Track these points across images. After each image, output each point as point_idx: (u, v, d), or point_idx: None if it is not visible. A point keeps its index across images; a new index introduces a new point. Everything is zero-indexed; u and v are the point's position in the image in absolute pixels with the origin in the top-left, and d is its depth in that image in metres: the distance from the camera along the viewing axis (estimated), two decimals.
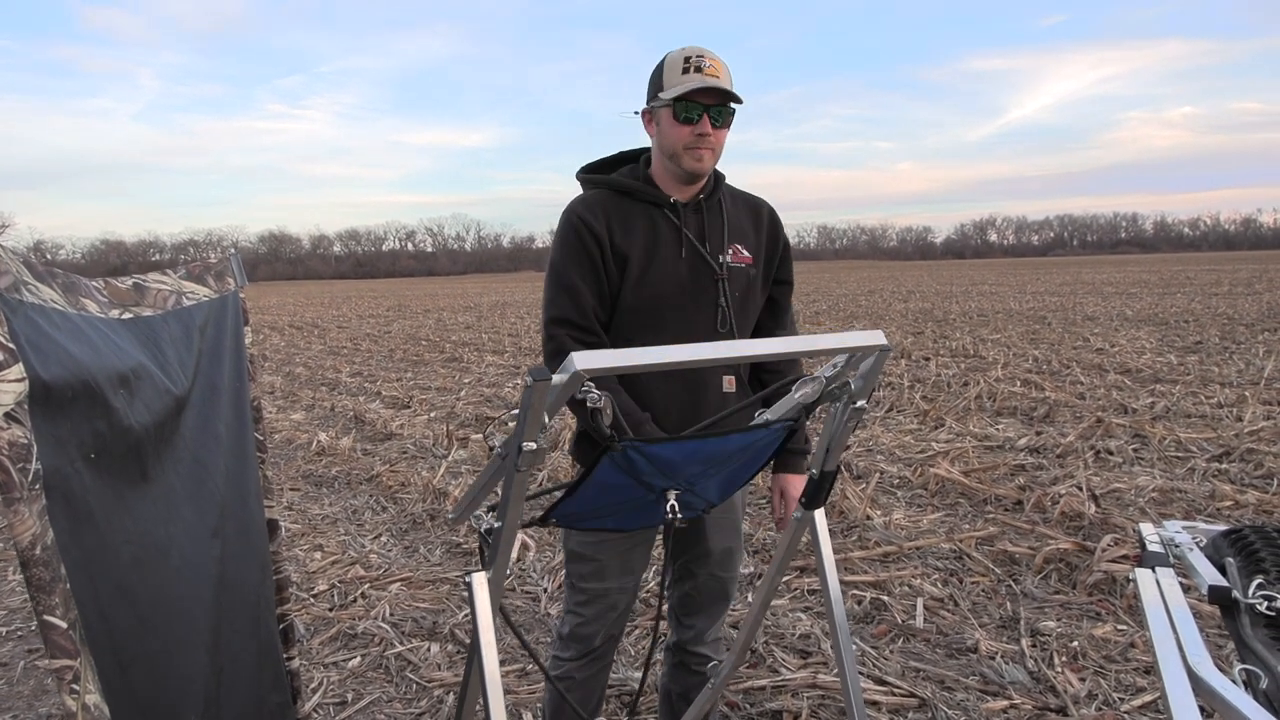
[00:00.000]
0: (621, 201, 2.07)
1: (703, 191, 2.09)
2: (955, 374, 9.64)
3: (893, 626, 3.47)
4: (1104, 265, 61.04)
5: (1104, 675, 3.02)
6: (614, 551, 2.14)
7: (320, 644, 3.58)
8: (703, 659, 2.32)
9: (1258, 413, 6.91)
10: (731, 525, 2.24)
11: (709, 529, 2.20)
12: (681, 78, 1.96)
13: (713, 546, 2.22)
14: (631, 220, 2.06)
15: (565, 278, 2.03)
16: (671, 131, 1.99)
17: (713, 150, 2.01)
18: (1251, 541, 1.43)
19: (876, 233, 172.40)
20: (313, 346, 16.79)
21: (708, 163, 2.02)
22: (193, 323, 1.80)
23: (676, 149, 2.00)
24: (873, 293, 30.36)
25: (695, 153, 1.99)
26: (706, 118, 1.96)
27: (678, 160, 2.02)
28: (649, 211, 2.07)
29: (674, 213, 2.06)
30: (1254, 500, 4.72)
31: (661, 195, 2.07)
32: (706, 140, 1.98)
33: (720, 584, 2.29)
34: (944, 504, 5.05)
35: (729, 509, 2.21)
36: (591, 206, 2.06)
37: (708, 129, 1.97)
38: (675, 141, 1.99)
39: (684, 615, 2.34)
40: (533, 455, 1.36)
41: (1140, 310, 18.03)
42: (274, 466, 6.89)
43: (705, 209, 2.09)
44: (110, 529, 1.23)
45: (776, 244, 2.19)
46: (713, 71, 1.96)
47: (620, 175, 2.12)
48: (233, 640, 1.69)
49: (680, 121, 1.97)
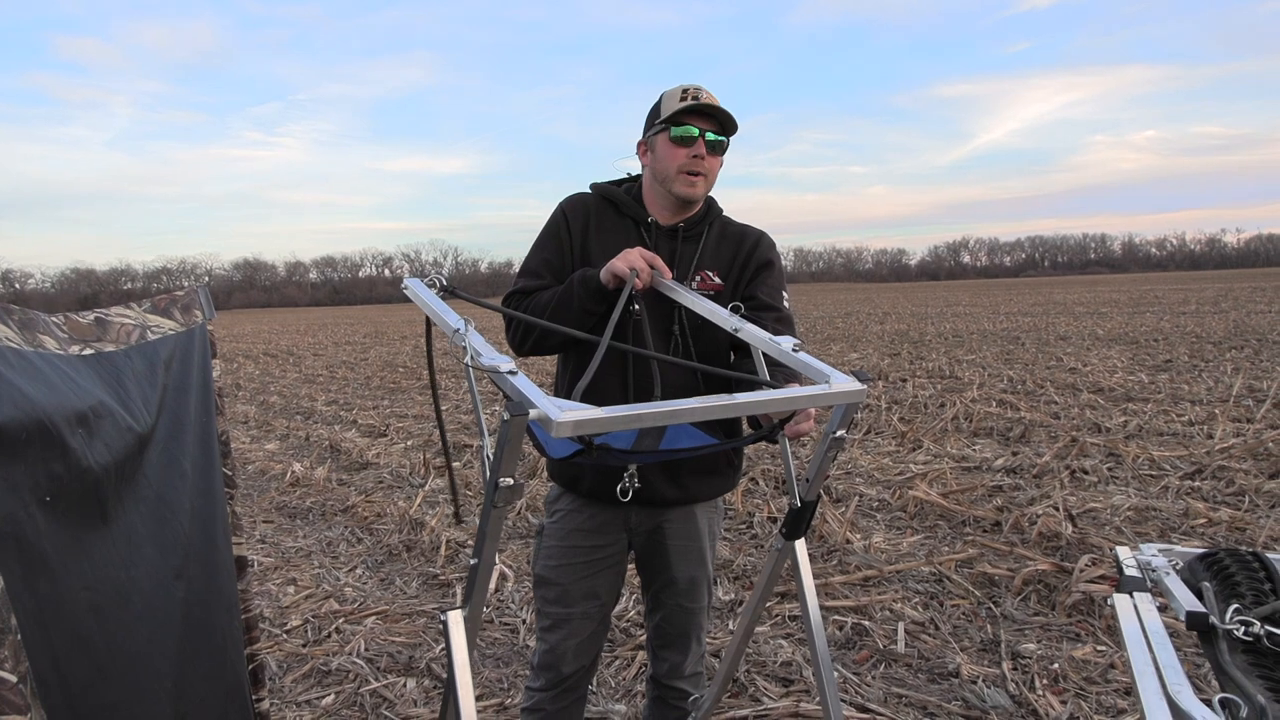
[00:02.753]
0: (607, 209, 2.14)
1: (685, 220, 2.11)
2: (932, 395, 9.70)
3: (874, 652, 3.45)
4: (1074, 285, 61.96)
5: (1085, 697, 3.01)
6: (577, 575, 2.14)
7: (293, 681, 3.49)
8: (681, 693, 2.29)
9: (1228, 430, 7.00)
10: (696, 553, 2.20)
11: (673, 557, 2.18)
12: (680, 104, 1.99)
13: (678, 575, 2.19)
14: (608, 228, 2.11)
15: (533, 259, 2.13)
16: (667, 155, 2.02)
17: (706, 177, 2.03)
18: (1227, 565, 1.43)
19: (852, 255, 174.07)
20: (287, 375, 16.61)
21: (700, 189, 2.04)
22: (157, 357, 1.76)
23: (670, 173, 2.02)
24: (849, 314, 30.59)
25: (689, 177, 2.01)
26: (703, 141, 1.99)
27: (669, 184, 2.04)
28: (626, 225, 2.11)
29: (648, 232, 2.09)
30: (1227, 518, 4.76)
31: (642, 212, 2.10)
32: (701, 164, 2.00)
33: (688, 615, 2.24)
34: (923, 526, 5.05)
35: (693, 537, 2.18)
36: (576, 204, 2.14)
37: (703, 151, 1.99)
38: (670, 165, 2.01)
39: (659, 648, 2.31)
40: (510, 491, 1.35)
41: (1111, 330, 18.29)
42: (246, 499, 6.77)
43: (682, 236, 2.10)
44: (66, 575, 1.19)
45: (749, 265, 2.14)
46: (710, 99, 2.00)
47: (616, 186, 2.18)
48: (197, 685, 1.64)
49: (676, 144, 2.00)
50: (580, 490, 2.12)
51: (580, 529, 2.13)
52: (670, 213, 2.10)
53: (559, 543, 2.15)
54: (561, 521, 2.16)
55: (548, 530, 2.19)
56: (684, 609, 2.23)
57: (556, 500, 2.19)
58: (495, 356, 1.42)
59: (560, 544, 2.15)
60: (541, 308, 2.02)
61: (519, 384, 1.35)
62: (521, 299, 2.09)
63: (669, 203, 2.08)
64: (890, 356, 14.62)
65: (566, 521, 2.15)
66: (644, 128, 2.11)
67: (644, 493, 2.03)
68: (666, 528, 2.16)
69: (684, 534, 2.17)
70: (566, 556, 2.14)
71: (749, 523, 5.21)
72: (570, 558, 2.14)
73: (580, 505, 2.13)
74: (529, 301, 2.06)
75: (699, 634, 2.28)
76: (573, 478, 2.13)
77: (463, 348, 1.49)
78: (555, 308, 1.99)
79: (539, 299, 2.05)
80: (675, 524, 2.16)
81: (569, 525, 2.14)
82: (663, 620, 2.25)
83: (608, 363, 1.97)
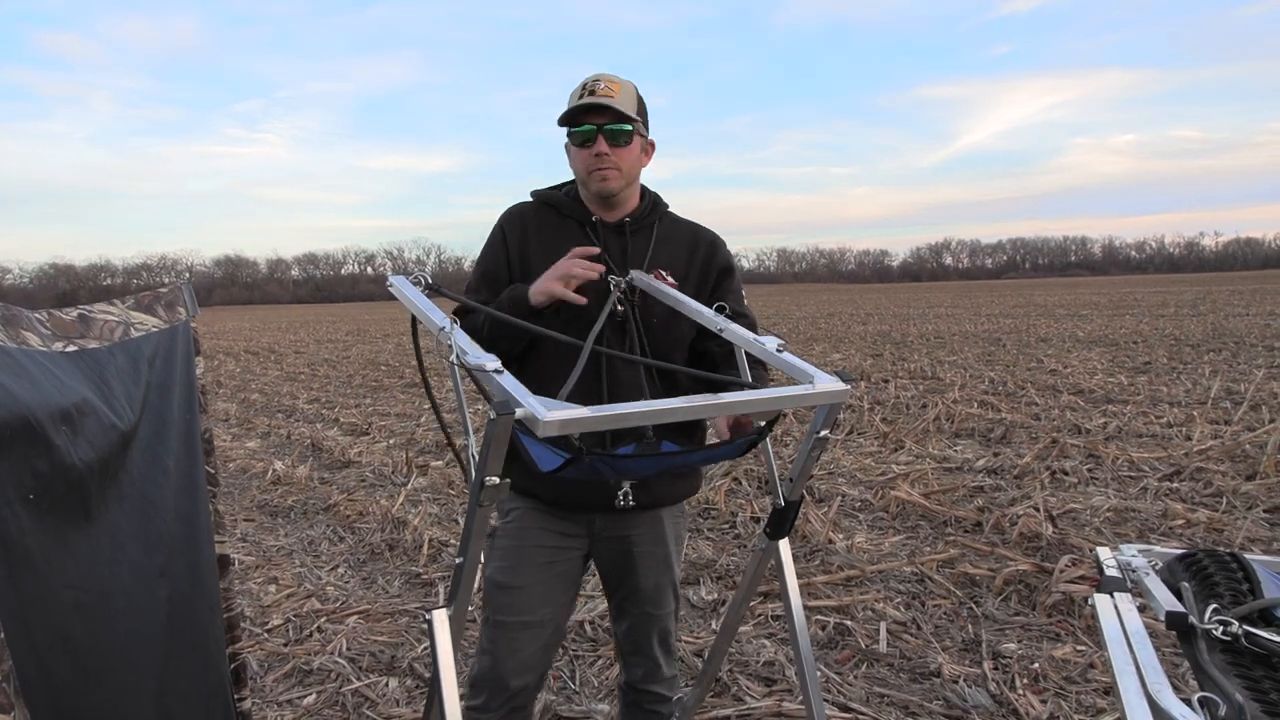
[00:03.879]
0: (548, 215, 2.08)
1: (630, 215, 2.07)
2: (914, 396, 9.76)
3: (856, 652, 3.47)
4: (1055, 287, 62.53)
5: (1065, 697, 3.04)
6: (534, 579, 2.02)
7: (274, 681, 3.47)
8: (657, 697, 2.24)
9: (1205, 432, 7.09)
10: (662, 560, 2.13)
11: (640, 565, 2.11)
12: (576, 102, 1.95)
13: (644, 583, 2.12)
14: (549, 233, 2.05)
15: (473, 275, 2.10)
16: (574, 157, 2.00)
17: (618, 169, 1.97)
18: (1205, 566, 1.45)
19: (835, 256, 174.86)
20: (269, 372, 16.48)
21: (614, 183, 1.98)
22: (140, 355, 1.75)
23: (582, 173, 2.00)
24: (832, 315, 30.72)
25: (598, 174, 1.97)
26: (602, 138, 1.94)
27: (587, 185, 2.01)
28: (570, 227, 2.05)
29: (594, 231, 2.04)
30: (1205, 519, 4.82)
31: (584, 212, 2.05)
32: (606, 160, 1.95)
33: (655, 621, 2.18)
34: (905, 526, 5.08)
35: (660, 543, 2.12)
36: (514, 216, 2.09)
37: (604, 148, 1.94)
38: (579, 166, 2.00)
39: (629, 654, 2.24)
40: (495, 490, 1.35)
41: (1091, 332, 18.47)
42: (227, 498, 6.72)
43: (630, 231, 2.05)
44: (50, 573, 1.18)
45: (710, 270, 2.10)
46: (606, 92, 1.93)
47: (555, 191, 2.12)
48: (180, 684, 1.63)
49: (579, 145, 1.97)
50: (543, 497, 2.02)
51: (537, 529, 2.03)
52: (609, 210, 2.05)
53: (514, 543, 2.03)
54: (517, 521, 2.05)
55: (501, 531, 2.07)
56: (651, 616, 2.17)
57: (511, 500, 2.08)
58: (481, 355, 1.42)
59: (515, 545, 2.03)
60: (479, 327, 1.95)
61: (504, 383, 1.35)
62: (461, 318, 2.00)
63: (596, 200, 2.04)
64: (873, 357, 14.70)
65: (523, 521, 2.04)
66: None
67: (609, 498, 1.98)
68: (633, 535, 2.08)
69: (650, 540, 2.10)
70: (522, 558, 2.02)
71: (732, 522, 5.23)
72: (526, 559, 2.02)
73: (538, 506, 2.04)
74: (465, 321, 1.98)
75: (669, 639, 2.23)
76: (530, 486, 2.01)
77: (448, 346, 1.48)
78: (491, 326, 1.92)
79: (475, 317, 1.98)
80: (641, 530, 2.09)
81: (525, 525, 2.04)
82: (631, 628, 2.19)
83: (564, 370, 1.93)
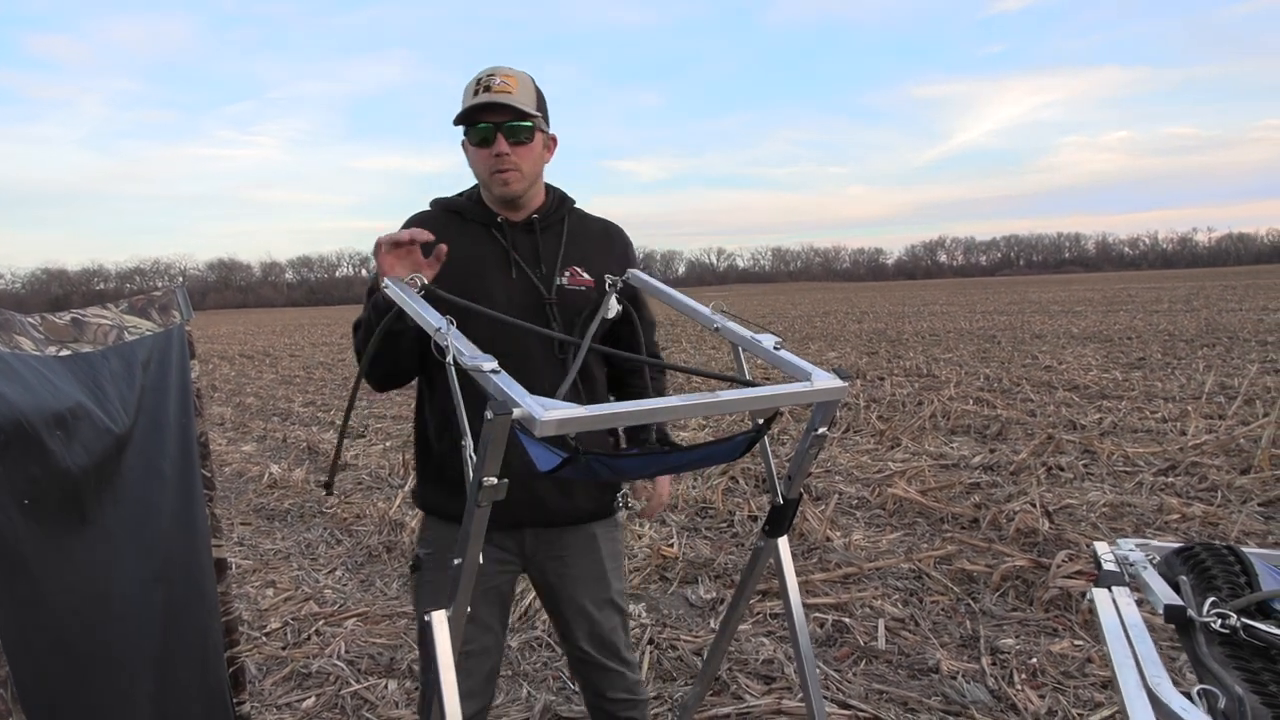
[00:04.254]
0: (451, 221, 1.98)
1: (537, 213, 1.99)
2: (910, 393, 9.77)
3: (855, 649, 3.48)
4: (1049, 284, 62.69)
5: (1063, 691, 3.05)
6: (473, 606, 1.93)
7: (273, 684, 3.46)
8: (625, 703, 2.15)
9: (1200, 427, 7.11)
10: (599, 577, 2.06)
11: (579, 585, 2.03)
12: (471, 100, 1.86)
13: (586, 603, 2.05)
14: (455, 239, 1.94)
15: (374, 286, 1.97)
16: (473, 158, 1.93)
17: (519, 170, 1.89)
18: (1203, 560, 1.45)
19: (830, 255, 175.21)
20: (264, 376, 16.44)
21: (515, 184, 1.90)
22: (135, 358, 1.74)
23: (483, 175, 1.92)
24: (827, 314, 30.75)
25: (499, 176, 1.88)
26: (501, 137, 1.85)
27: (488, 186, 1.93)
28: (476, 231, 1.97)
29: (501, 233, 1.95)
30: (1200, 513, 4.84)
31: (488, 214, 1.97)
32: (507, 160, 1.87)
33: (601, 639, 2.09)
34: (902, 524, 5.09)
35: (596, 560, 2.04)
36: (415, 225, 1.94)
37: (504, 148, 1.86)
38: (479, 168, 1.92)
39: (585, 675, 2.15)
40: (493, 490, 1.34)
41: (1085, 328, 18.51)
42: (224, 502, 6.70)
43: (539, 229, 1.98)
44: (46, 579, 1.17)
45: (625, 268, 2.04)
46: (503, 88, 1.84)
47: (457, 197, 2.04)
48: (178, 689, 1.62)
49: (477, 145, 1.89)
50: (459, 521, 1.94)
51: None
52: (514, 210, 1.97)
53: (438, 577, 1.91)
54: (447, 550, 1.93)
55: (427, 563, 1.98)
56: (599, 635, 2.08)
57: (433, 526, 2.01)
58: (478, 355, 1.41)
59: (439, 578, 1.90)
60: (361, 340, 1.85)
61: (502, 383, 1.35)
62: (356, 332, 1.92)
63: (498, 201, 1.96)
64: (868, 355, 14.72)
65: (444, 554, 1.92)
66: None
67: (537, 512, 1.92)
68: (566, 555, 2.01)
69: (585, 557, 2.02)
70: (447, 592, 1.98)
71: (730, 521, 5.23)
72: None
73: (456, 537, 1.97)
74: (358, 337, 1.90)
75: (621, 650, 2.13)
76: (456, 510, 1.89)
77: (445, 347, 1.48)
78: (365, 336, 1.80)
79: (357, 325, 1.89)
80: (574, 548, 2.01)
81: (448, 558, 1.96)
82: (580, 650, 2.10)
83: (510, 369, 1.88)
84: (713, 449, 1.59)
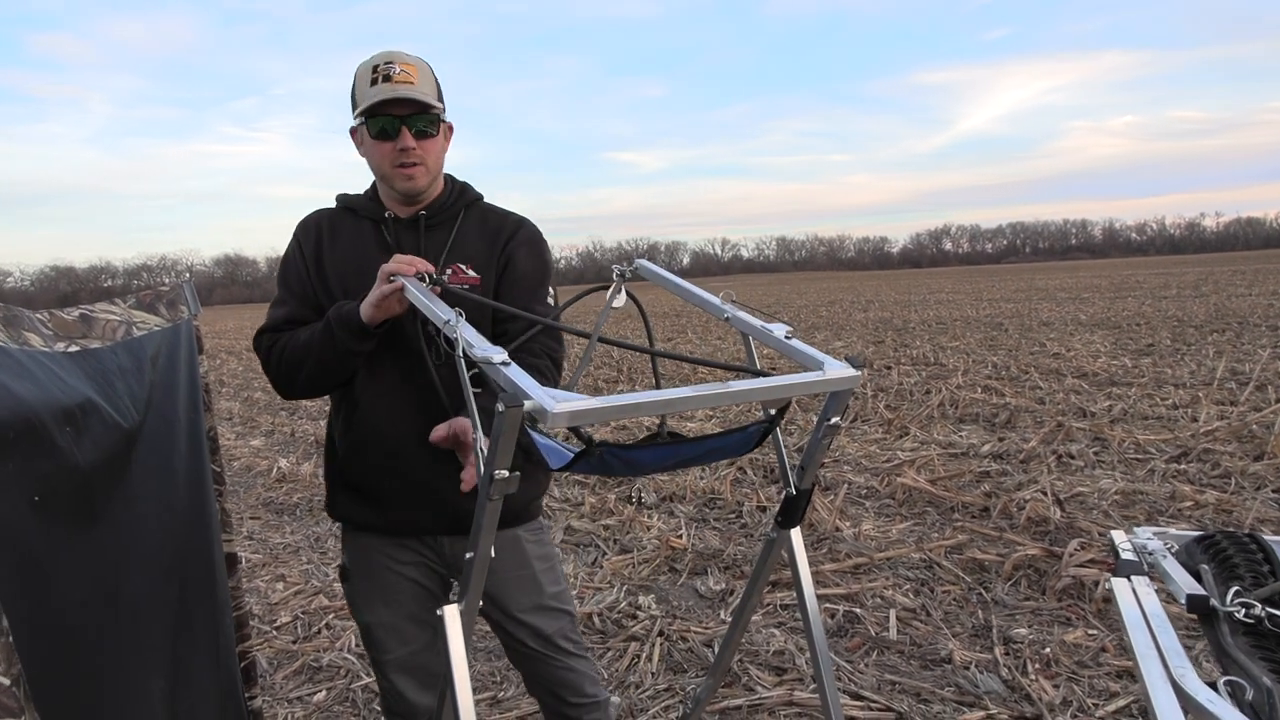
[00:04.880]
0: (345, 219, 1.94)
1: (427, 208, 1.92)
2: (917, 382, 9.74)
3: (866, 639, 3.47)
4: (1056, 271, 62.41)
5: (1077, 681, 3.03)
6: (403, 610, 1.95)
7: (284, 678, 3.47)
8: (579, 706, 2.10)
9: (1211, 413, 7.07)
10: (529, 581, 2.00)
11: (511, 592, 1.98)
12: (370, 90, 1.77)
13: (520, 610, 2.00)
14: (345, 237, 1.91)
15: (278, 291, 1.96)
16: (374, 151, 1.83)
17: (424, 165, 1.82)
18: (1225, 548, 1.43)
19: (834, 244, 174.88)
20: None
21: (420, 180, 1.84)
22: (144, 354, 1.73)
23: (384, 169, 1.84)
24: (833, 303, 30.68)
25: (403, 171, 1.81)
26: (406, 131, 1.78)
27: (389, 181, 1.85)
28: (364, 228, 1.92)
29: (387, 229, 1.90)
30: (1213, 500, 4.81)
31: (378, 210, 1.91)
32: (412, 154, 1.80)
33: (545, 639, 2.03)
34: (912, 513, 5.07)
35: (521, 565, 1.98)
36: (309, 224, 1.95)
37: (410, 143, 1.79)
38: (380, 161, 1.83)
39: (537, 678, 2.08)
40: (505, 483, 1.33)
41: (1093, 315, 18.43)
42: (233, 496, 6.72)
43: (424, 226, 1.90)
44: (58, 575, 1.17)
45: (512, 263, 1.92)
46: (404, 78, 1.76)
47: (352, 194, 1.99)
48: (191, 685, 1.61)
49: (378, 138, 1.80)
50: (377, 526, 1.91)
51: (387, 563, 1.92)
52: (405, 204, 1.90)
53: (370, 581, 1.94)
54: (366, 557, 1.94)
55: (354, 569, 1.97)
56: (540, 636, 2.01)
57: (352, 537, 1.98)
58: (488, 348, 1.40)
59: (372, 582, 1.94)
60: (301, 348, 1.82)
61: (512, 375, 1.33)
62: (273, 337, 1.89)
63: (397, 197, 1.89)
64: (875, 344, 14.68)
65: (371, 558, 1.94)
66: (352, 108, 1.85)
67: (447, 520, 1.87)
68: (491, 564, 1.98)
69: (512, 563, 1.95)
70: (385, 594, 1.91)
71: (738, 512, 5.22)
72: (389, 594, 1.91)
73: (379, 537, 1.93)
74: (281, 340, 1.86)
75: (567, 645, 2.06)
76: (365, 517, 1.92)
77: (454, 339, 1.46)
78: (319, 350, 1.79)
79: (295, 337, 1.84)
80: (499, 556, 1.93)
81: (374, 562, 1.93)
82: (526, 658, 2.05)
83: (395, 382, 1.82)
84: (726, 439, 1.56)
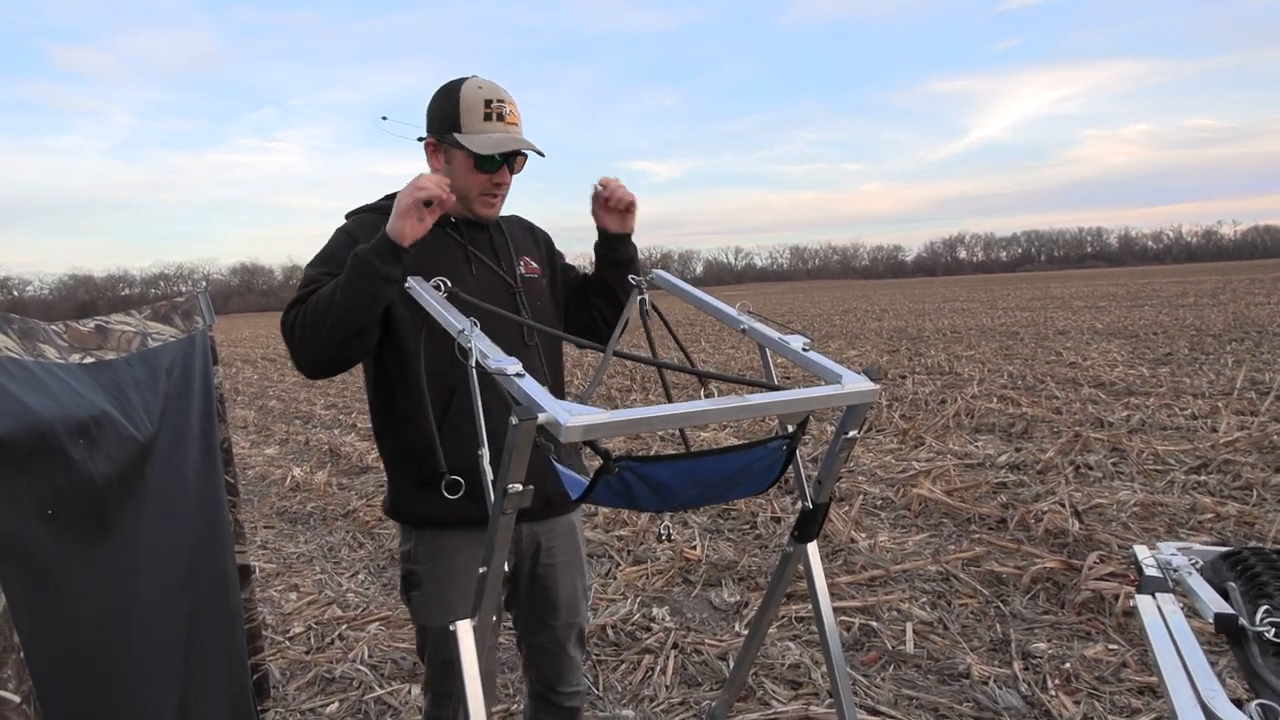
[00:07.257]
0: None
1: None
2: (932, 392, 9.68)
3: (883, 653, 3.42)
4: (1072, 279, 61.97)
5: (1098, 697, 2.98)
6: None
7: (296, 689, 3.46)
8: (570, 694, 2.16)
9: (1232, 423, 6.98)
10: (577, 566, 2.07)
11: (560, 574, 2.03)
12: (484, 125, 1.86)
13: (563, 592, 2.05)
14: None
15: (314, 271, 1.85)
16: (467, 177, 1.89)
17: (504, 197, 1.96)
18: (1253, 565, 1.40)
19: (848, 252, 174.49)
20: (286, 379, 16.55)
21: (498, 209, 1.97)
22: (158, 365, 1.73)
23: (470, 194, 1.91)
24: (846, 312, 30.58)
25: (488, 199, 1.92)
26: (506, 169, 1.91)
27: (469, 204, 1.92)
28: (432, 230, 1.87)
29: (457, 231, 1.95)
30: (1234, 512, 4.74)
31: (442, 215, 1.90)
32: (503, 189, 1.93)
33: (571, 629, 2.11)
34: (928, 524, 5.02)
35: (574, 549, 2.06)
36: (364, 223, 1.89)
37: (507, 179, 1.92)
38: (469, 187, 1.90)
39: (542, 663, 2.14)
40: (519, 497, 1.32)
41: (1110, 323, 18.27)
42: (247, 505, 6.73)
43: (489, 226, 2.01)
44: (70, 590, 1.16)
45: (552, 253, 2.17)
46: (513, 119, 1.89)
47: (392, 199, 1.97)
48: (203, 697, 1.61)
49: (479, 169, 1.88)
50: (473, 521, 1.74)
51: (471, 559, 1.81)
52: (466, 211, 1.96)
53: (452, 584, 1.89)
54: (448, 560, 1.91)
55: (424, 577, 1.93)
56: (570, 624, 2.09)
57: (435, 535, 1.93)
58: (502, 359, 1.39)
59: (453, 585, 1.89)
60: (326, 296, 1.72)
61: (526, 387, 1.32)
62: (300, 307, 1.80)
63: (465, 212, 1.95)
64: (889, 353, 14.60)
65: (454, 560, 1.90)
66: (432, 122, 1.91)
67: (543, 503, 1.85)
68: (554, 544, 2.01)
69: (567, 548, 2.05)
70: (459, 601, 1.87)
71: (752, 523, 5.18)
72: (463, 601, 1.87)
73: (468, 533, 1.84)
74: (307, 303, 1.78)
75: (582, 642, 2.17)
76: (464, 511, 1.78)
77: (469, 349, 1.45)
78: (345, 290, 1.69)
79: (320, 292, 1.75)
80: (560, 537, 2.02)
81: (457, 565, 1.88)
82: (548, 640, 2.09)
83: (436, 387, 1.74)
84: (748, 457, 1.52)
